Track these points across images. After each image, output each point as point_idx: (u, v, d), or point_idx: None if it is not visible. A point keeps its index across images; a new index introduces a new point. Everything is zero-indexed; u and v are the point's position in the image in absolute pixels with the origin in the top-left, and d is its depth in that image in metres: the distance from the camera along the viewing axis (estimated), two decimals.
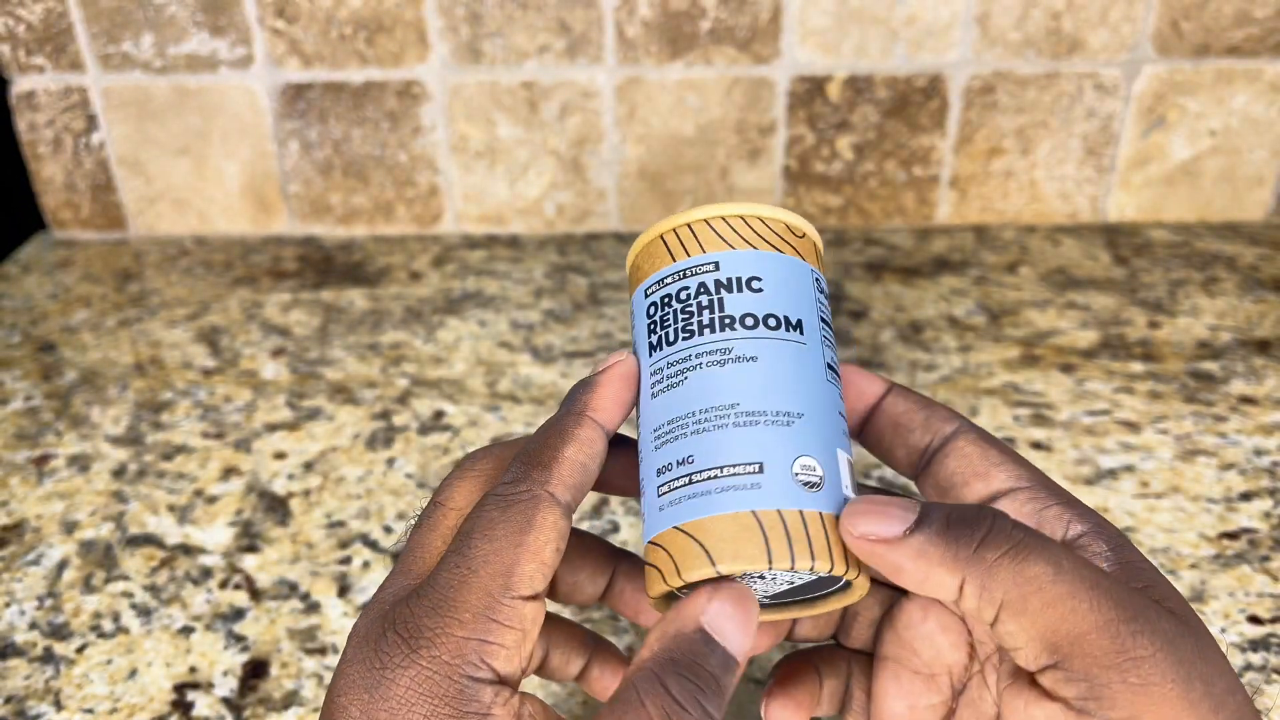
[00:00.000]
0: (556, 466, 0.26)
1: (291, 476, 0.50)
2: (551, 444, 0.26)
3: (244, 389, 0.57)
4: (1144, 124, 0.70)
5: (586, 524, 0.46)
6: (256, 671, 0.39)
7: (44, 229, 0.77)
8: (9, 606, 0.43)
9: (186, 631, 0.41)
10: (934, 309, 0.63)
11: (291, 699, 0.38)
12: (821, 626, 0.31)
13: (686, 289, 0.27)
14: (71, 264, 0.73)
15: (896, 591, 0.29)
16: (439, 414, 0.54)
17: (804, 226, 0.29)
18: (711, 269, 0.27)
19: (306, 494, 0.49)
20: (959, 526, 0.24)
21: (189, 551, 0.45)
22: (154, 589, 0.43)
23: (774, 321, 0.27)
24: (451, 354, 0.60)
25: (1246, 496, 0.46)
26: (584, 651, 0.31)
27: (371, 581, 0.43)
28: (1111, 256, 0.69)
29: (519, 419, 0.53)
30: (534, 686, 0.38)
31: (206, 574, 0.44)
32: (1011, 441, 0.50)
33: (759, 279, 0.27)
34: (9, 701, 0.38)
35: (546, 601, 0.26)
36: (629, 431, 0.29)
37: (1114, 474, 0.48)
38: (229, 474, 0.50)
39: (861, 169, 0.72)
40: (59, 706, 0.38)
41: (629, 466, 0.29)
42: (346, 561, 0.44)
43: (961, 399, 0.54)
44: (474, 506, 0.26)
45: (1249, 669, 0.38)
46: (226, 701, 0.38)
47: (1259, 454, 0.49)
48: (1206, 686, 0.22)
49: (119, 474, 0.51)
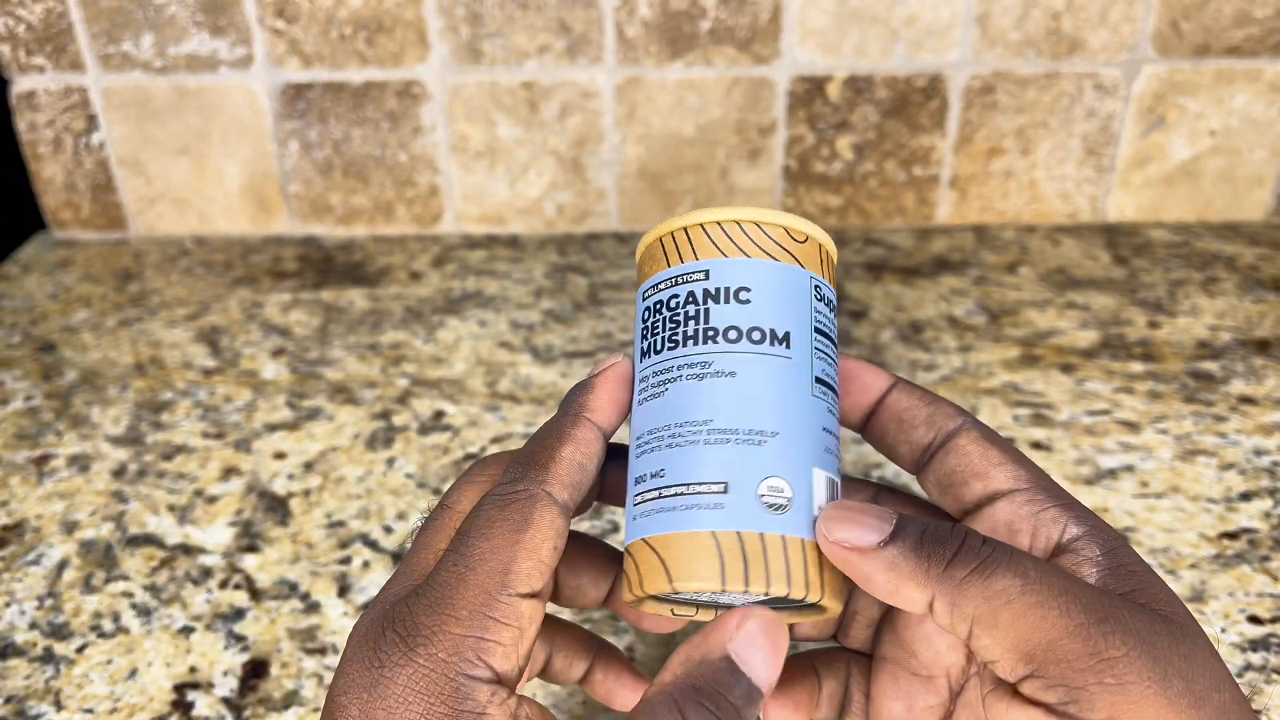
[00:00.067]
0: (553, 466, 0.26)
1: (291, 476, 0.50)
2: (548, 444, 0.26)
3: (244, 389, 0.57)
4: (1144, 124, 0.70)
5: (586, 524, 0.46)
6: (256, 671, 0.39)
7: (44, 229, 0.77)
8: (9, 606, 0.43)
9: (187, 631, 0.41)
10: (934, 309, 0.63)
11: (291, 699, 0.38)
12: (821, 627, 0.31)
13: (676, 297, 0.28)
14: (71, 264, 0.73)
15: None
16: (439, 414, 0.54)
17: (807, 230, 0.28)
18: (701, 277, 0.27)
19: (306, 494, 0.49)
20: (931, 544, 0.24)
21: (189, 551, 0.45)
22: (154, 589, 0.43)
23: (758, 335, 0.27)
24: (451, 354, 0.60)
25: (1246, 496, 0.46)
26: (587, 654, 0.31)
27: (371, 581, 0.43)
28: (1111, 256, 0.69)
29: (519, 419, 0.54)
30: (534, 687, 0.38)
31: (206, 574, 0.44)
32: (1011, 441, 0.50)
33: (748, 289, 0.27)
34: (9, 701, 0.38)
35: (549, 604, 0.26)
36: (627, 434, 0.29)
37: (1114, 474, 0.48)
38: (229, 474, 0.50)
39: (861, 169, 0.72)
40: (59, 706, 0.38)
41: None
42: (346, 561, 0.44)
43: (961, 399, 0.54)
44: (473, 507, 0.26)
45: (1249, 669, 0.38)
46: (226, 701, 0.38)
47: (1259, 454, 0.49)
48: (1186, 683, 0.22)
49: (119, 474, 0.51)
